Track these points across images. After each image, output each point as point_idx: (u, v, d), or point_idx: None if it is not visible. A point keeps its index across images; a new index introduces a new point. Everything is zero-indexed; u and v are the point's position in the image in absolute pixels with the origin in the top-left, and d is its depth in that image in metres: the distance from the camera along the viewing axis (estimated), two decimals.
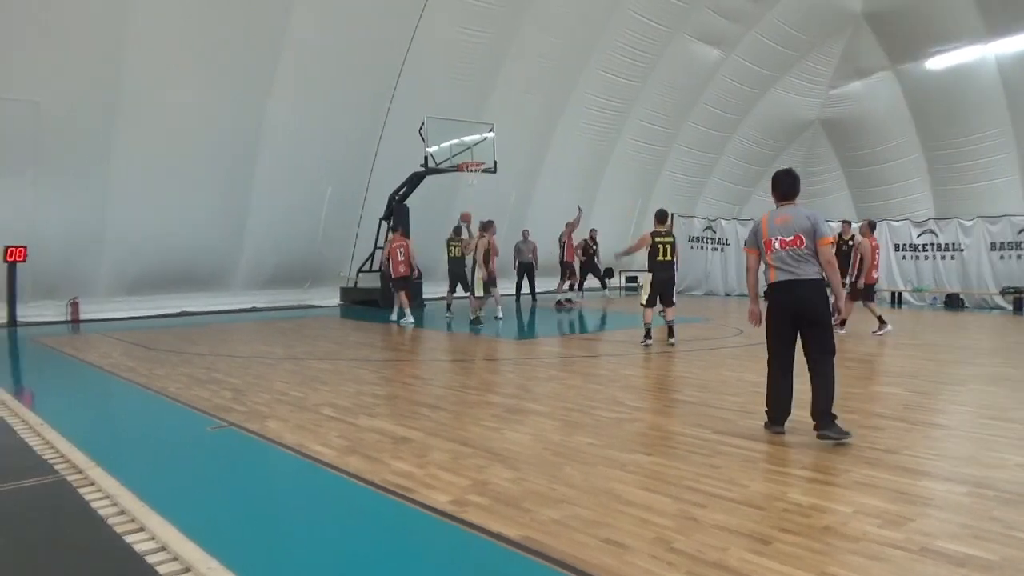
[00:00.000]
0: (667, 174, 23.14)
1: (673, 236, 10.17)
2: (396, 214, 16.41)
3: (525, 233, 17.74)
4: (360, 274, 17.24)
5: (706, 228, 21.69)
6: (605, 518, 3.55)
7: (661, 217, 10.16)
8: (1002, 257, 16.75)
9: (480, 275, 12.77)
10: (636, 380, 7.52)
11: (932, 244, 17.85)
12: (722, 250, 21.45)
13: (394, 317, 13.68)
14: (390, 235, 14.94)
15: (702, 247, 21.61)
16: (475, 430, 5.36)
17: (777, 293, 5.15)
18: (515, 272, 17.98)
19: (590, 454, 4.68)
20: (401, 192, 16.32)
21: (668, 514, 3.61)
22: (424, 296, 17.08)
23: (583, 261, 18.25)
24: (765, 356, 5.37)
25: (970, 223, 17.41)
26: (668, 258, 9.98)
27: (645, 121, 21.32)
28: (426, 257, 17.18)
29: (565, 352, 10.10)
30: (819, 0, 20.18)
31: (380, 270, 15.97)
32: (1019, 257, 16.44)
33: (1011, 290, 16.19)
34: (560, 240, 17.26)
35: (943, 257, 17.70)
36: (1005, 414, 5.94)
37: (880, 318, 11.47)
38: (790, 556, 3.10)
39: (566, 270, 17.20)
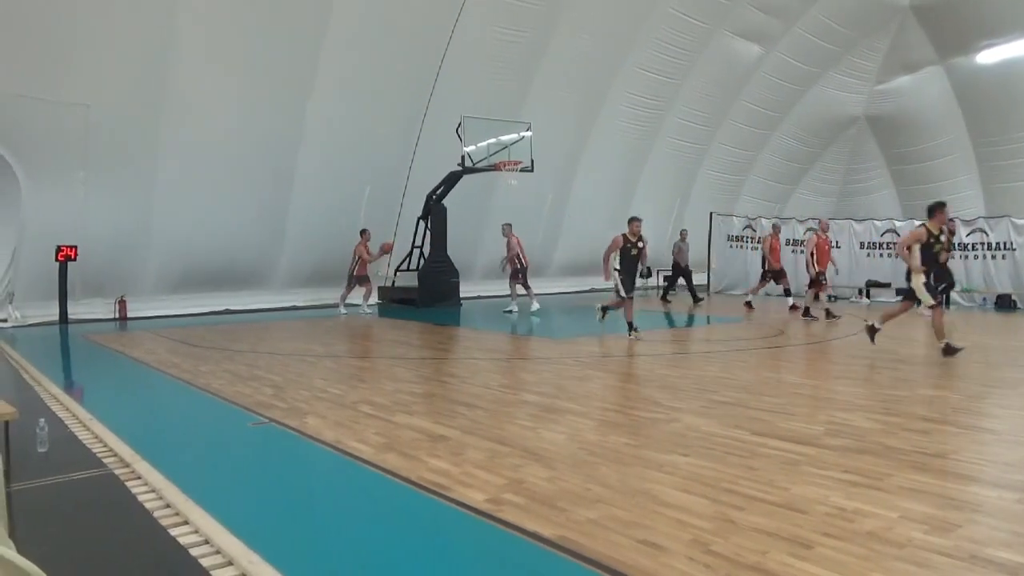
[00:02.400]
0: (706, 172, 22.88)
1: (644, 240, 10.93)
2: (434, 213, 16.52)
3: (683, 233, 18.00)
4: (398, 273, 17.38)
5: (745, 227, 21.37)
6: (641, 519, 3.52)
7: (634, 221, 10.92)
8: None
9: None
10: (673, 380, 7.45)
11: (982, 243, 17.32)
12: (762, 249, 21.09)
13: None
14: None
15: (741, 246, 21.29)
16: (511, 429, 5.36)
17: None
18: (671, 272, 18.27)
19: (626, 454, 4.65)
20: (439, 191, 16.41)
21: (705, 516, 3.56)
22: (460, 294, 17.15)
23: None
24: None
25: (1021, 222, 16.85)
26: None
27: (684, 119, 21.10)
28: (462, 256, 17.27)
29: (602, 351, 10.04)
30: None
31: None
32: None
33: None
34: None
35: (994, 257, 17.16)
36: None
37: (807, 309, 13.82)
38: (833, 561, 3.03)
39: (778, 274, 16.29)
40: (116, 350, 10.06)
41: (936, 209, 8.79)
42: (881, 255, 19.12)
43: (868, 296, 18.80)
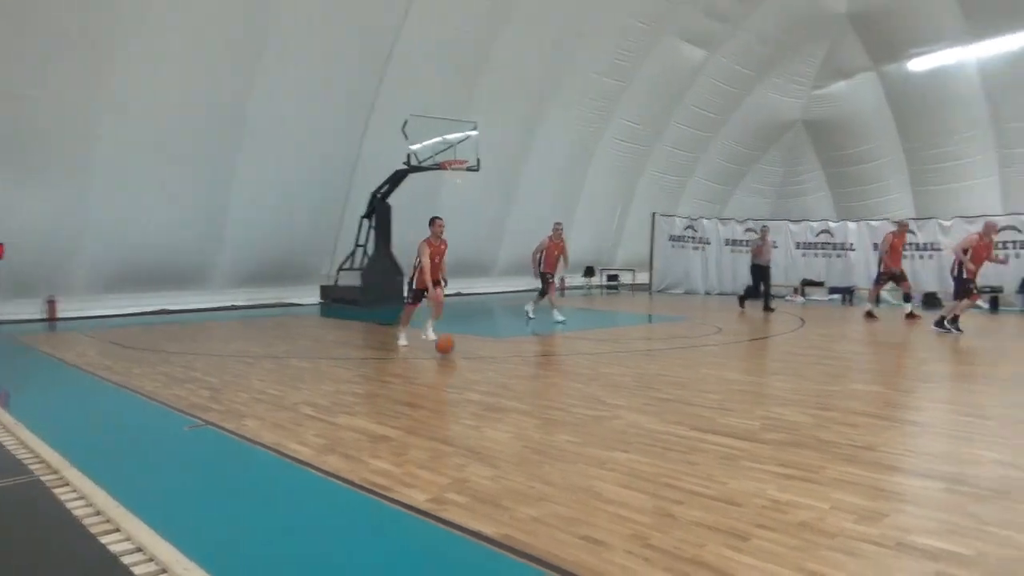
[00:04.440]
0: (650, 173, 23.23)
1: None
2: (378, 212, 16.37)
3: (764, 231, 17.07)
4: (341, 272, 17.15)
5: (687, 227, 21.80)
6: (583, 515, 3.55)
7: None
8: (1003, 259, 16.93)
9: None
10: (616, 378, 7.54)
11: (911, 243, 18.02)
12: (703, 249, 21.55)
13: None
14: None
15: (683, 246, 21.70)
16: (455, 428, 5.35)
17: None
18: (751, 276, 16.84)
19: (569, 452, 4.68)
20: (384, 190, 16.26)
21: (646, 511, 3.61)
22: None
23: None
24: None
25: (949, 223, 17.61)
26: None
27: (629, 121, 21.39)
28: (407, 255, 17.20)
29: (546, 350, 10.11)
30: (804, 1, 20.32)
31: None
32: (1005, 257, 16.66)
33: (987, 289, 16.38)
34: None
35: (921, 257, 17.89)
36: (982, 411, 6.02)
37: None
38: (767, 552, 3.11)
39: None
40: (45, 352, 9.67)
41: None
42: (816, 255, 19.74)
43: (803, 295, 19.39)
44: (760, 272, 15.91)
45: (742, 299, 16.34)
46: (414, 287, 9.88)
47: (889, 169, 22.47)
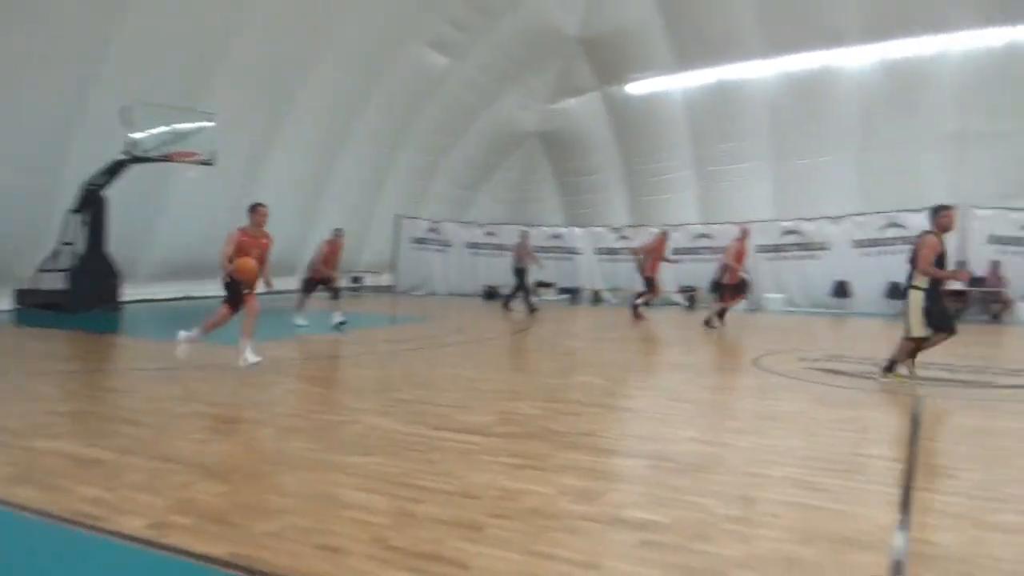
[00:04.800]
0: (395, 175, 23.34)
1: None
2: (91, 206, 14.52)
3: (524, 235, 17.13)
4: (43, 273, 14.94)
5: (430, 230, 22.28)
6: (322, 524, 3.47)
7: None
8: (679, 260, 19.40)
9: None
10: (356, 381, 7.48)
11: (627, 248, 20.16)
12: (445, 252, 22.16)
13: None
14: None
15: (426, 248, 22.15)
16: (180, 444, 4.92)
17: None
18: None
19: (308, 460, 4.55)
20: (98, 182, 14.45)
21: (385, 512, 3.62)
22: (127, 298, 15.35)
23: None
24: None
25: (656, 230, 19.95)
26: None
27: (374, 122, 21.27)
28: (126, 254, 15.53)
29: (285, 355, 9.71)
30: (541, 21, 21.73)
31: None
32: (693, 260, 19.22)
33: (686, 288, 18.87)
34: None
35: (635, 260, 20.05)
36: (681, 396, 6.90)
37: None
38: (501, 540, 3.28)
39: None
40: None
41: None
42: (548, 258, 21.26)
43: (537, 295, 20.78)
44: (522, 275, 16.54)
45: (506, 302, 16.87)
46: (233, 280, 7.88)
47: (612, 180, 24.96)
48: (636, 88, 22.95)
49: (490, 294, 20.84)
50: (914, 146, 19.10)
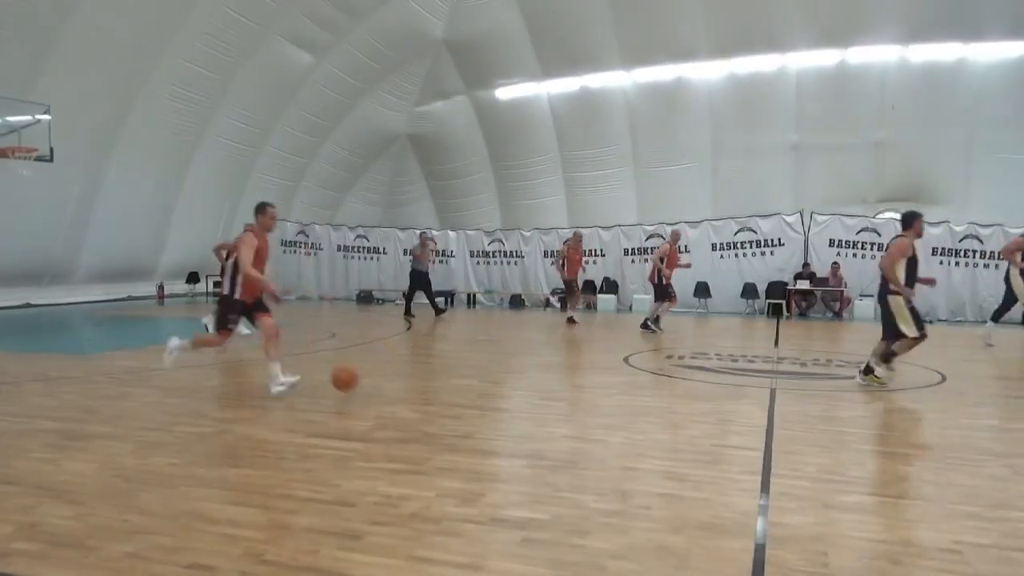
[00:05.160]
0: (259, 175, 22.39)
1: None
2: None
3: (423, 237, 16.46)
4: None
5: (299, 232, 21.59)
6: (188, 542, 3.27)
7: None
8: (552, 263, 19.86)
9: None
10: (222, 390, 7.12)
11: (500, 251, 20.40)
12: (315, 255, 21.54)
13: None
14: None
15: (295, 251, 21.44)
16: (21, 464, 4.49)
17: None
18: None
19: (171, 475, 4.27)
20: None
21: (258, 526, 3.47)
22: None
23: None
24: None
25: (529, 234, 20.32)
26: None
27: (234, 119, 20.29)
28: None
29: (142, 365, 9.08)
30: (405, 22, 21.52)
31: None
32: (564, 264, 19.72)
33: (559, 291, 19.32)
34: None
35: (508, 263, 20.34)
36: (555, 395, 7.05)
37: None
38: (381, 547, 3.22)
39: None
40: None
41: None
42: None
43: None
44: (419, 277, 16.09)
45: (408, 307, 16.39)
46: (234, 301, 6.76)
47: (482, 184, 25.14)
48: (504, 93, 23.27)
49: (364, 298, 20.46)
50: (760, 155, 20.58)
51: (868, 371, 7.59)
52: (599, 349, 11.30)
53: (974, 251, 16.82)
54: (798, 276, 17.29)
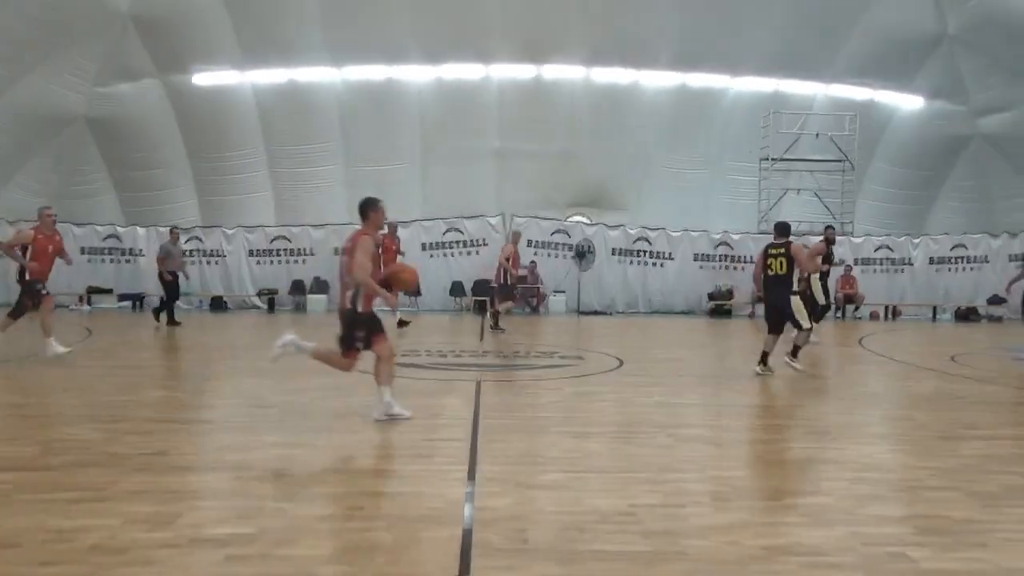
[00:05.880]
0: None
1: None
2: None
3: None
4: None
5: None
6: None
7: None
8: (259, 263, 18.92)
9: None
10: None
11: (199, 250, 18.89)
12: None
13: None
14: None
15: None
16: None
17: None
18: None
19: None
20: None
21: None
22: None
23: None
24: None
25: (232, 231, 19.07)
26: None
27: None
28: None
29: None
30: None
31: None
32: (272, 263, 18.90)
33: (266, 292, 18.45)
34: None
35: (208, 263, 18.90)
36: (264, 401, 6.71)
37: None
38: None
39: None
40: None
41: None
42: (104, 260, 18.81)
43: (90, 303, 18.26)
44: (169, 282, 14.02)
45: (157, 312, 14.16)
46: (361, 315, 5.78)
47: (177, 177, 22.94)
48: (203, 79, 21.52)
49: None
50: (467, 159, 21.67)
51: (795, 352, 8.51)
52: None
53: (645, 251, 19.42)
54: None
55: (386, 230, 14.36)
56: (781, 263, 8.43)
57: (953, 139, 23.06)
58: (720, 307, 19.02)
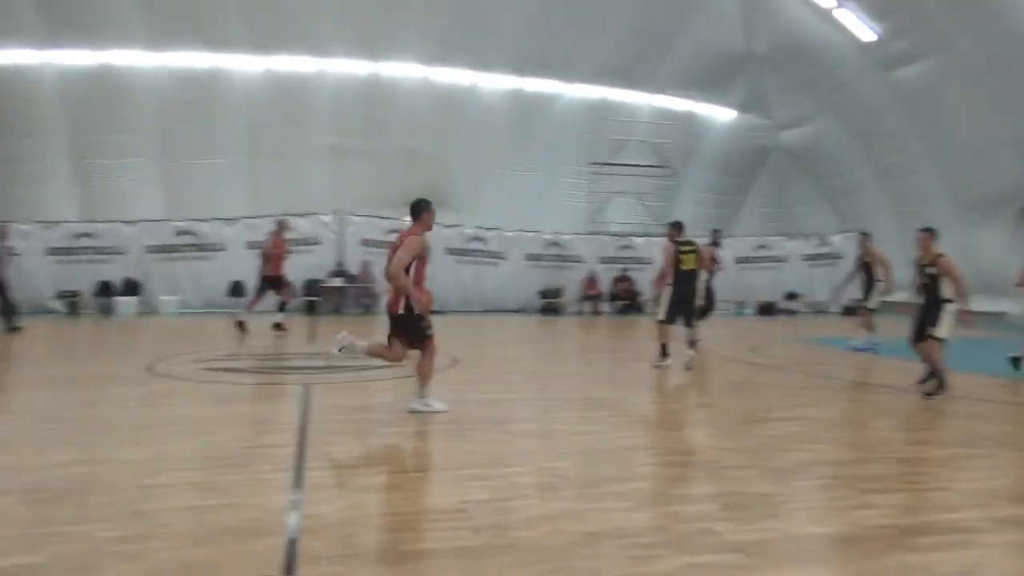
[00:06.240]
0: None
1: None
2: None
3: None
4: None
5: None
6: None
7: None
8: (60, 262, 17.09)
9: None
10: None
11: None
12: None
13: None
14: None
15: None
16: None
17: None
18: None
19: None
20: None
21: None
22: None
23: None
24: None
25: (27, 227, 17.09)
26: None
27: None
28: None
29: None
30: None
31: None
32: (73, 262, 17.13)
33: (67, 294, 16.71)
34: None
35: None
36: (55, 415, 6.04)
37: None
38: None
39: None
40: None
41: None
42: None
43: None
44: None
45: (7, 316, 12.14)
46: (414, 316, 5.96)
47: None
48: None
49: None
50: (299, 155, 20.85)
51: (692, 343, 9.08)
52: (116, 358, 10.01)
53: (480, 250, 19.65)
54: (334, 274, 18.01)
55: (275, 228, 13.71)
56: (693, 259, 9.07)
57: (759, 150, 25.50)
58: (550, 305, 19.65)
